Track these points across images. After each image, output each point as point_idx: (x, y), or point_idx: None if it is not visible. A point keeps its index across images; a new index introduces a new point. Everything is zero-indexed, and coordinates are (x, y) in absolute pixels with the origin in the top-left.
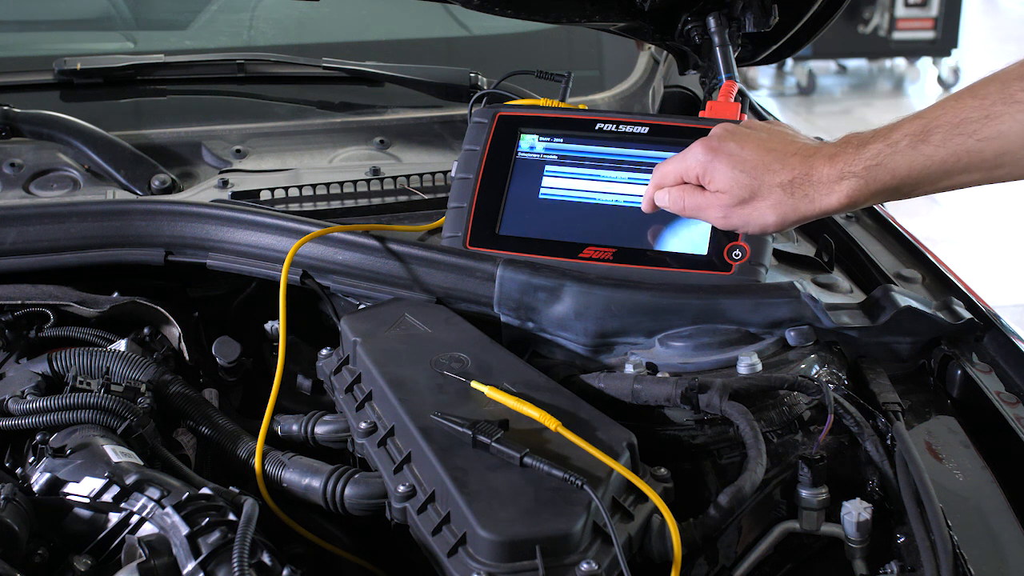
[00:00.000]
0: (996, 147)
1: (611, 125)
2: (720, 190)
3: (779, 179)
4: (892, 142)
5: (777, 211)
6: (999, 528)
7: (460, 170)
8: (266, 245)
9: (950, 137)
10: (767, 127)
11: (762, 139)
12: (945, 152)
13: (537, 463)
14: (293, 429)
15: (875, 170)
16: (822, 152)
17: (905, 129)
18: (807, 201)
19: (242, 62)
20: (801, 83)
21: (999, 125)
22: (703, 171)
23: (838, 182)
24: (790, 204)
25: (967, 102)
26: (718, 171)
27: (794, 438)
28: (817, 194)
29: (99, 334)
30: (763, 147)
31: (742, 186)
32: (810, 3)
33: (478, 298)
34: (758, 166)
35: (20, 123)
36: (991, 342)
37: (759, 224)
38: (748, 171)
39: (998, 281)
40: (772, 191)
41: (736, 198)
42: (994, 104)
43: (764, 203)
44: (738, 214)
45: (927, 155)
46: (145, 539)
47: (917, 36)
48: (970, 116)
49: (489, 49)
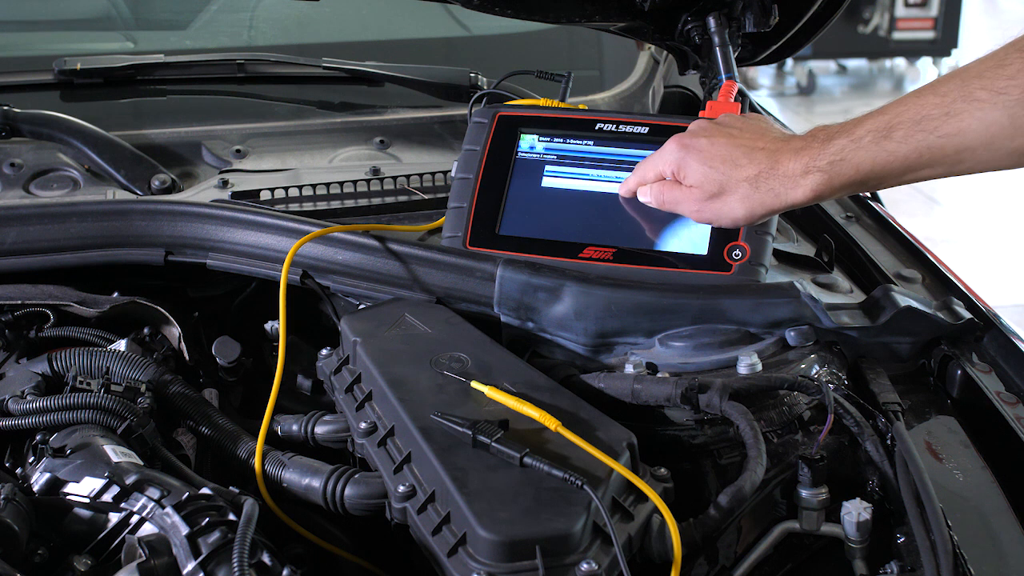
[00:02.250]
0: (956, 144)
1: (611, 125)
2: (693, 185)
3: (745, 174)
4: (856, 138)
5: (745, 205)
6: (999, 528)
7: (460, 170)
8: (266, 245)
9: (912, 134)
10: (740, 121)
11: (732, 134)
12: (907, 148)
13: (537, 463)
14: (293, 429)
15: (839, 165)
16: (789, 146)
17: (869, 125)
18: (772, 195)
19: (242, 62)
20: (801, 83)
21: (959, 123)
22: (677, 167)
23: (803, 176)
24: (756, 198)
25: (928, 99)
26: (690, 167)
27: (794, 438)
28: (783, 188)
29: (99, 334)
30: (732, 142)
31: (711, 181)
32: (810, 3)
33: (478, 298)
34: (726, 160)
35: (20, 123)
36: (991, 342)
37: (729, 217)
38: (716, 166)
39: (998, 281)
40: (739, 185)
41: (707, 193)
42: (954, 102)
43: (732, 197)
44: (710, 208)
45: (889, 151)
46: (145, 539)
47: (917, 36)
48: (931, 113)
49: (489, 49)
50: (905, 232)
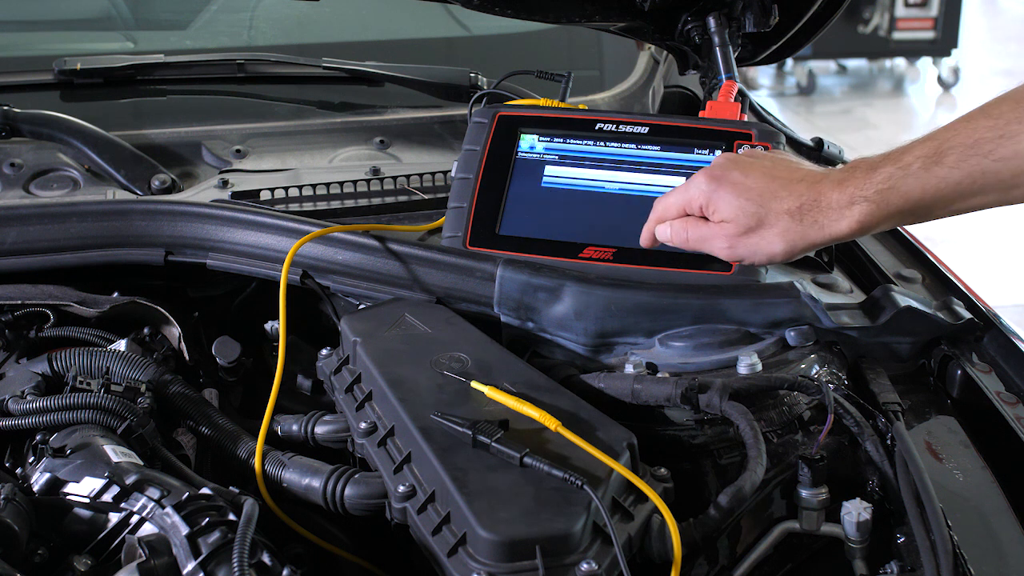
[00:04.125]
0: (1013, 167)
1: (611, 125)
2: (725, 219)
3: (786, 206)
4: (904, 165)
5: (785, 239)
6: (999, 528)
7: (460, 170)
8: (266, 245)
9: (965, 158)
10: (770, 155)
11: (766, 167)
12: (960, 174)
13: (537, 463)
14: (293, 429)
15: (887, 194)
16: (830, 178)
17: (917, 151)
18: (816, 227)
19: (242, 62)
20: (801, 83)
21: (1015, 144)
22: (707, 201)
23: (849, 207)
24: (799, 231)
25: (980, 122)
26: (723, 200)
27: (794, 438)
28: (827, 220)
29: (99, 334)
30: (768, 174)
31: (748, 214)
32: (810, 3)
33: (478, 298)
34: (764, 193)
35: (20, 123)
36: (991, 342)
37: (766, 253)
38: (754, 199)
39: (998, 281)
40: (780, 218)
41: (742, 227)
42: (1009, 123)
43: (771, 231)
44: (744, 244)
45: (941, 177)
46: (145, 539)
47: (917, 36)
48: (985, 136)
49: (489, 49)
50: (905, 232)
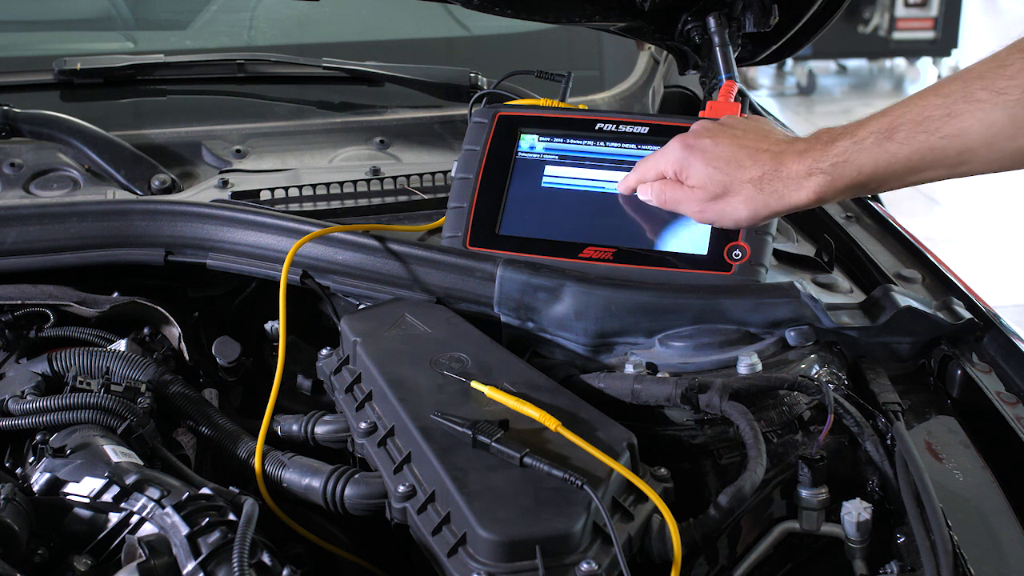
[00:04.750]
0: (958, 144)
1: (611, 125)
2: (695, 185)
3: (749, 175)
4: (859, 139)
5: (748, 206)
6: (999, 528)
7: (460, 170)
8: (266, 245)
9: (913, 135)
10: (744, 123)
11: (736, 135)
12: (909, 149)
13: (537, 463)
14: (293, 429)
15: (842, 167)
16: (792, 148)
17: (872, 126)
18: (776, 197)
19: (242, 62)
20: (801, 83)
21: (960, 123)
22: (680, 167)
23: (806, 178)
24: (760, 199)
25: (930, 100)
26: (693, 167)
27: (794, 438)
28: (786, 190)
29: (99, 334)
30: (736, 143)
31: (715, 182)
32: (810, 3)
33: (478, 298)
34: (730, 162)
35: (20, 123)
36: (991, 342)
37: (732, 218)
38: (720, 167)
39: (998, 281)
40: (743, 187)
41: (710, 193)
42: (956, 102)
43: (736, 198)
44: (712, 208)
45: (892, 152)
46: (145, 539)
47: (917, 36)
48: (933, 114)
49: (489, 49)
50: (905, 232)
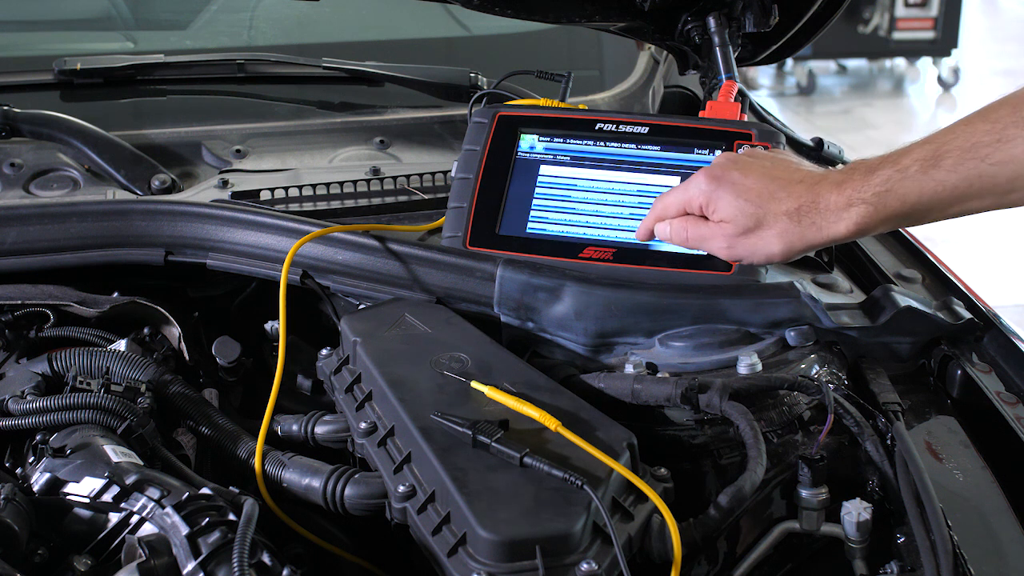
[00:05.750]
0: (1009, 171)
1: (611, 125)
2: (724, 220)
3: (785, 207)
4: (902, 167)
5: (783, 239)
6: (999, 528)
7: (460, 170)
8: (266, 245)
9: (962, 162)
10: (770, 155)
11: (765, 167)
12: (957, 177)
13: (537, 463)
14: (293, 429)
15: (884, 196)
16: (828, 179)
17: (915, 154)
18: (814, 229)
19: (242, 62)
20: (801, 83)
21: (1012, 149)
22: (706, 201)
23: (846, 209)
24: (797, 232)
25: (978, 126)
26: (722, 200)
27: (794, 438)
28: (825, 222)
29: (99, 334)
30: (767, 175)
31: (747, 215)
32: (810, 3)
33: (478, 298)
34: (763, 194)
35: (20, 123)
36: (991, 342)
37: (765, 253)
38: (752, 200)
39: (998, 281)
40: (778, 219)
41: (741, 227)
42: (1006, 128)
43: (770, 232)
44: (743, 244)
45: (938, 180)
46: (145, 539)
47: (917, 36)
48: (982, 140)
49: (489, 49)
50: (905, 232)
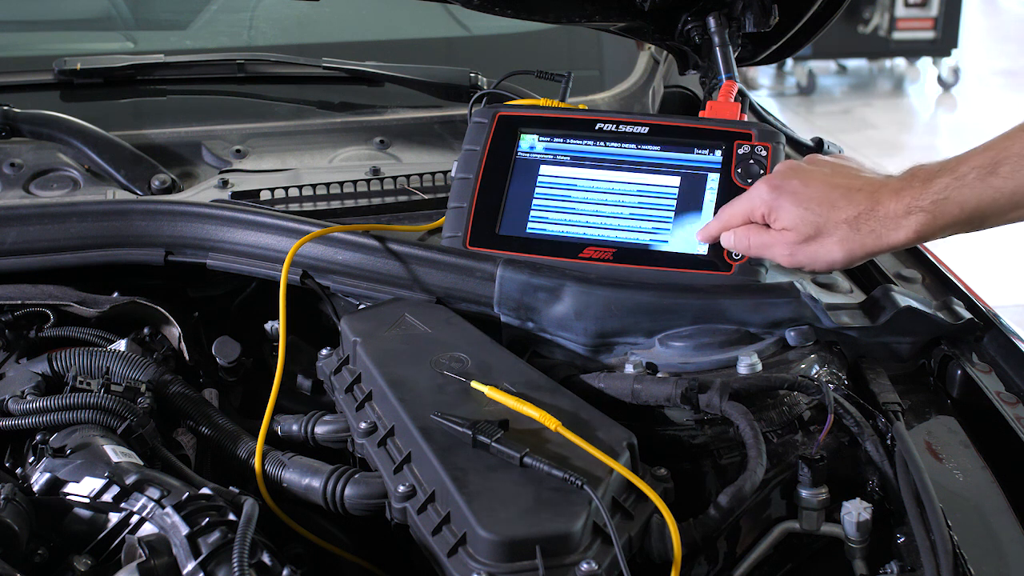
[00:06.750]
0: None
1: (611, 125)
2: (786, 228)
3: (845, 215)
4: (960, 175)
5: (844, 247)
6: (999, 528)
7: (460, 170)
8: (266, 245)
9: (1019, 168)
10: (830, 162)
11: (826, 175)
12: (1015, 183)
13: (537, 463)
14: (293, 429)
15: (943, 204)
16: (888, 187)
17: (973, 161)
18: (874, 236)
19: (242, 62)
20: (801, 83)
21: None
22: (768, 209)
23: (905, 217)
24: (857, 240)
25: None
26: (783, 209)
27: (794, 438)
28: (884, 229)
29: (99, 334)
30: (827, 183)
31: (808, 223)
32: (810, 3)
33: (478, 298)
34: (823, 203)
35: (20, 123)
36: (991, 342)
37: (826, 261)
38: (813, 208)
39: (998, 281)
40: (838, 227)
41: (802, 235)
42: None
43: (830, 239)
44: (804, 251)
45: (996, 187)
46: (145, 539)
47: (917, 36)
48: None
49: (489, 49)
50: None
